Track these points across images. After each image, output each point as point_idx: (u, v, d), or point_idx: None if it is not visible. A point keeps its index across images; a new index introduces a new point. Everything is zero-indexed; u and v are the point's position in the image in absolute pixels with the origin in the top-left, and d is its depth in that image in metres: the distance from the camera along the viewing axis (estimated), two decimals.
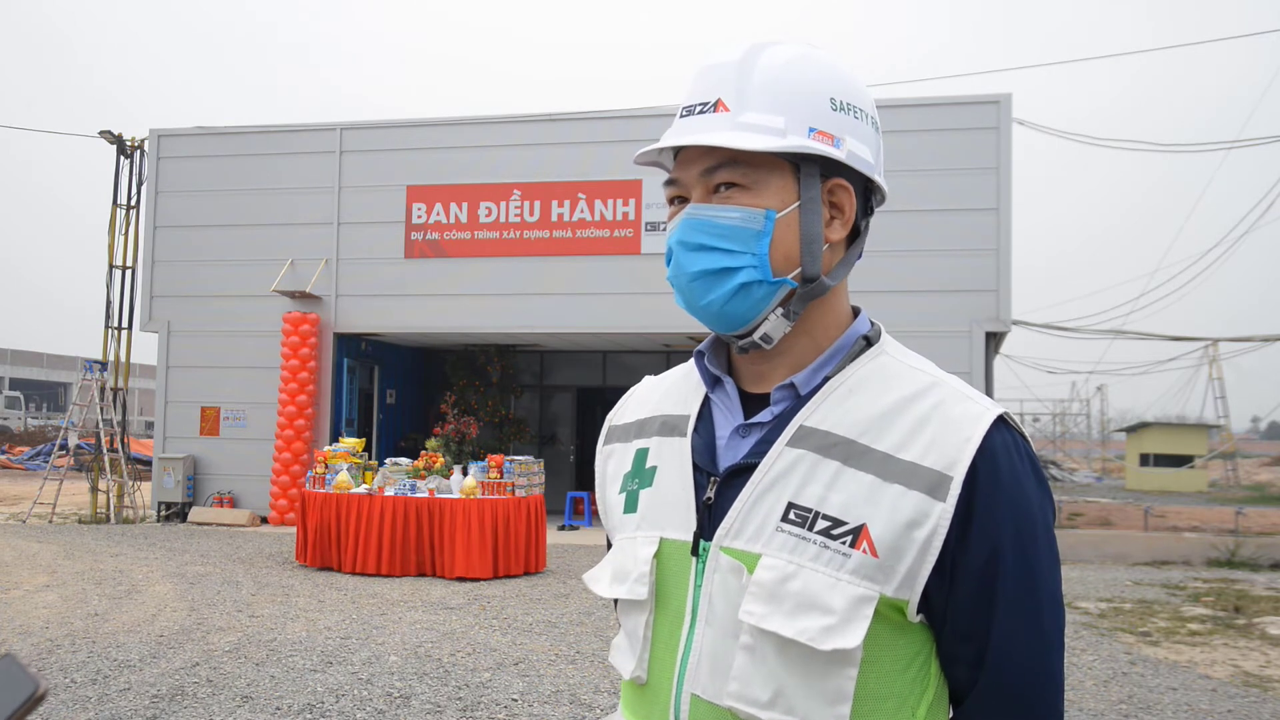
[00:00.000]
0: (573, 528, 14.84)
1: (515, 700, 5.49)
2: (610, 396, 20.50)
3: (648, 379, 1.29)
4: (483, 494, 10.12)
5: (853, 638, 0.97)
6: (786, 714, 0.99)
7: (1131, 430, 34.10)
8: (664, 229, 14.46)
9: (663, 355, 17.96)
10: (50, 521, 14.72)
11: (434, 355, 18.53)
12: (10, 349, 53.38)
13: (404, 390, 18.02)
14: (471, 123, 15.36)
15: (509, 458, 10.74)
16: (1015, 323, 15.45)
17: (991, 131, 13.58)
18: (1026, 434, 1.05)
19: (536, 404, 18.84)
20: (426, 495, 10.13)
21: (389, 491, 10.28)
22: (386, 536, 9.95)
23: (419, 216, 15.18)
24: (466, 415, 16.25)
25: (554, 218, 14.77)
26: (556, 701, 5.48)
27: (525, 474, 10.62)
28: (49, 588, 8.80)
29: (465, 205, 15.02)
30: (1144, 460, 31.58)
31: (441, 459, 11.03)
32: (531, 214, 14.84)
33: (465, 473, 10.60)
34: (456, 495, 10.13)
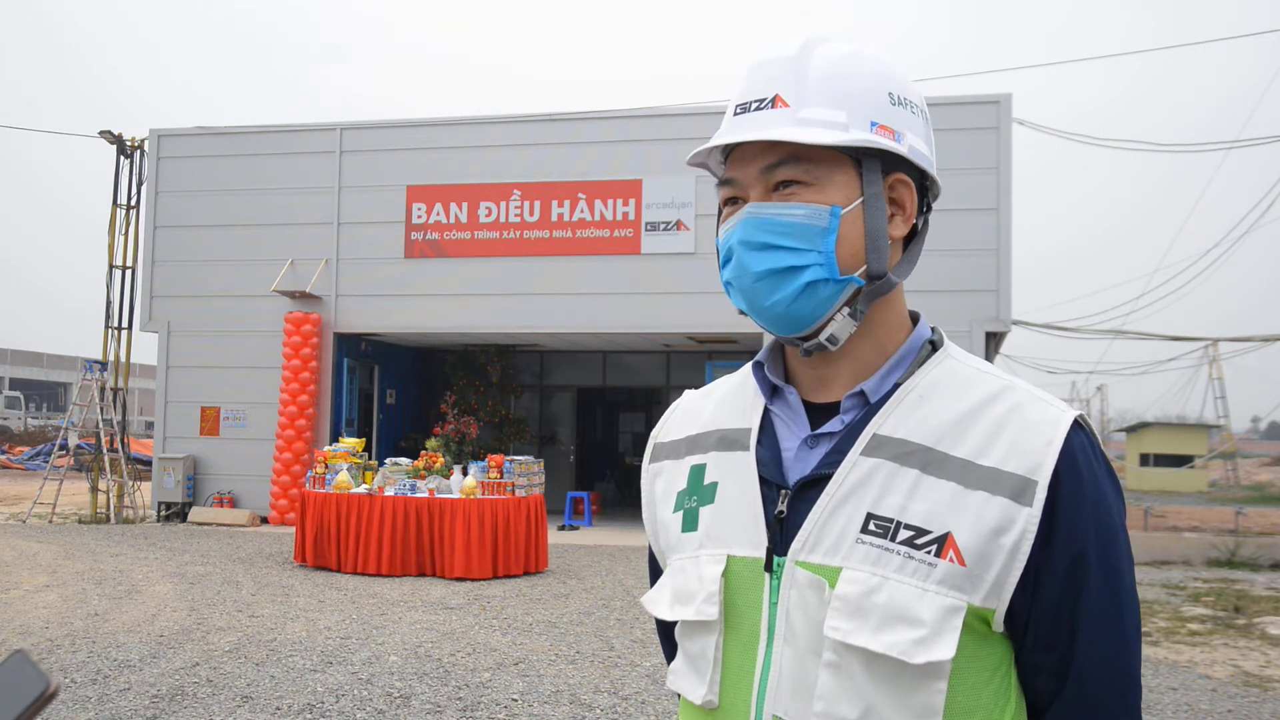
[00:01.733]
0: (573, 528, 14.84)
1: (515, 700, 5.49)
2: (610, 396, 20.53)
3: (690, 392, 1.25)
4: (483, 494, 10.12)
5: (946, 649, 0.94)
6: None
7: (1131, 430, 34.13)
8: (664, 229, 14.46)
9: (663, 355, 17.96)
10: (50, 521, 14.72)
11: (434, 355, 18.53)
12: (10, 349, 53.40)
13: (404, 390, 18.02)
14: (471, 123, 15.36)
15: (509, 458, 10.75)
16: (1015, 323, 15.46)
17: (991, 131, 13.58)
18: (1098, 435, 1.04)
19: (536, 404, 18.84)
20: (426, 495, 10.13)
21: (389, 491, 10.28)
22: (387, 537, 9.96)
23: (419, 216, 15.18)
24: (466, 415, 16.26)
25: (554, 218, 14.77)
26: (556, 701, 5.48)
27: (525, 474, 10.63)
28: (49, 588, 8.80)
29: (465, 205, 15.02)
30: (1144, 460, 31.62)
31: (441, 459, 11.03)
32: (531, 214, 14.84)
33: (465, 473, 10.60)
34: (456, 495, 10.13)
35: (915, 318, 1.13)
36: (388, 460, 11.09)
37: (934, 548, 0.96)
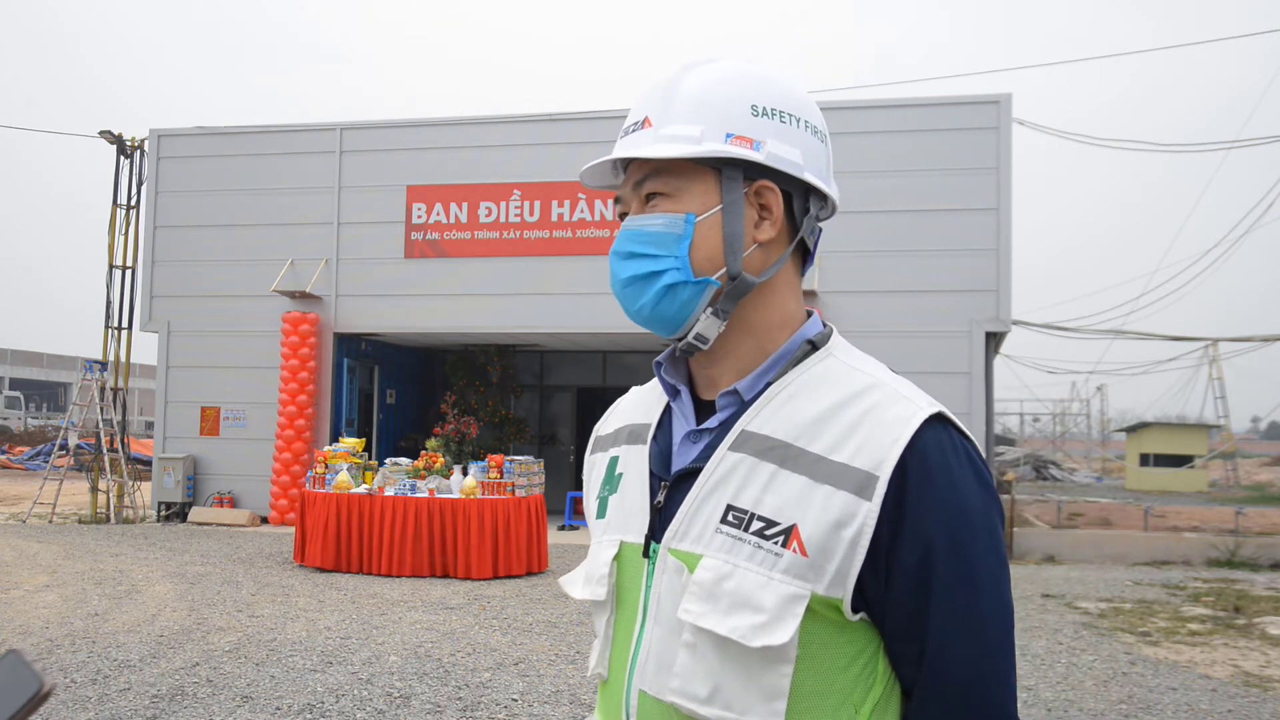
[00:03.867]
0: (573, 528, 14.85)
1: (515, 700, 5.49)
2: (611, 397, 20.34)
3: (634, 389, 1.33)
4: (483, 494, 10.12)
5: (781, 635, 0.99)
6: (724, 709, 1.02)
7: (1131, 430, 34.08)
8: None
9: None
10: (50, 521, 14.72)
11: (434, 355, 18.53)
12: (10, 349, 53.39)
13: (404, 390, 18.02)
14: (471, 123, 15.36)
15: (509, 458, 10.74)
16: (1015, 323, 15.46)
17: (991, 131, 13.57)
18: (967, 433, 1.06)
19: (536, 404, 18.84)
20: (426, 495, 10.13)
21: (389, 491, 10.28)
22: (387, 537, 9.96)
23: (419, 216, 15.18)
24: (466, 415, 16.24)
25: (554, 218, 14.77)
26: (556, 701, 5.48)
27: (525, 474, 10.62)
28: (49, 588, 8.80)
29: (465, 205, 15.02)
30: (1144, 460, 31.57)
31: (441, 459, 11.03)
32: (531, 214, 14.84)
33: (465, 473, 10.60)
34: (456, 495, 10.13)
35: (810, 315, 1.18)
36: (388, 460, 11.09)
37: (781, 539, 1.02)
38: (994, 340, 14.79)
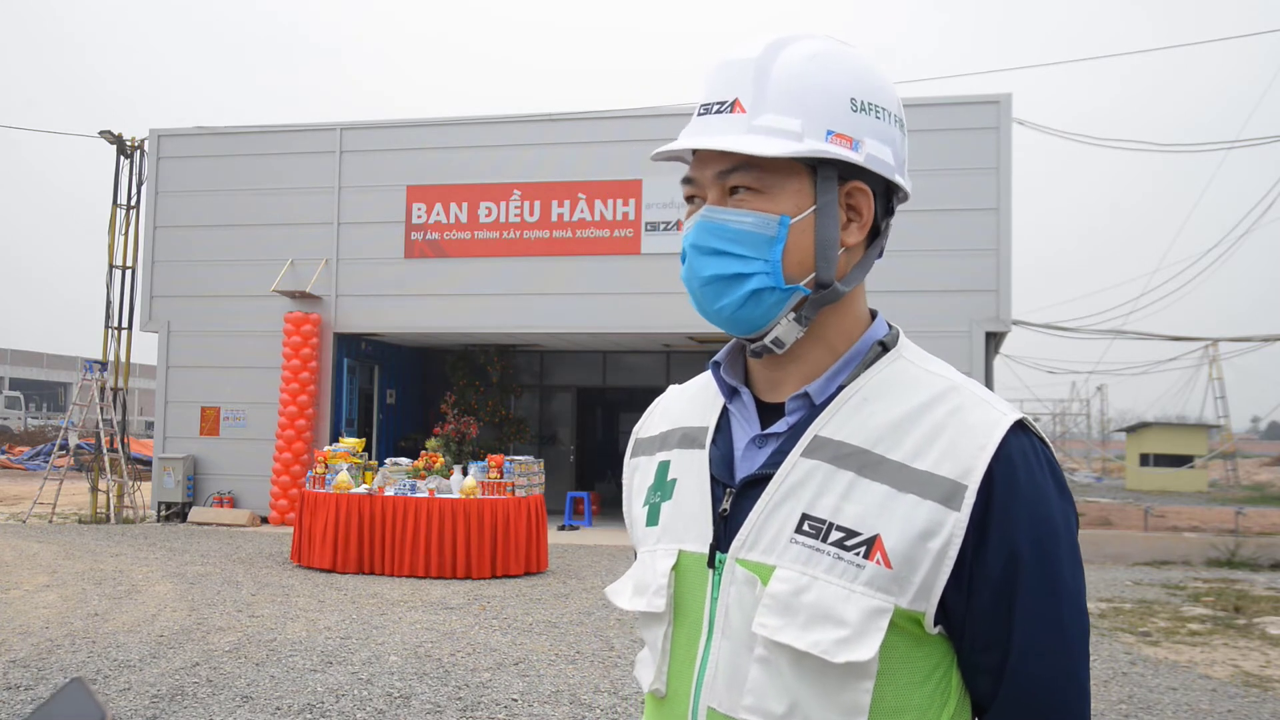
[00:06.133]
0: (573, 528, 14.84)
1: (515, 700, 5.49)
2: (610, 397, 20.55)
3: (673, 388, 1.27)
4: (483, 494, 10.12)
5: (866, 650, 0.96)
6: None
7: (1131, 430, 34.11)
8: (664, 229, 14.49)
9: (663, 355, 17.96)
10: (50, 521, 14.72)
11: (434, 355, 18.54)
12: (10, 349, 53.38)
13: (404, 390, 18.02)
14: (471, 123, 15.37)
15: (509, 458, 10.75)
16: (1015, 323, 15.45)
17: (991, 131, 13.58)
18: (1046, 439, 1.04)
19: (536, 404, 18.85)
20: (426, 495, 10.13)
21: (389, 491, 10.29)
22: (387, 537, 9.96)
23: (419, 216, 15.19)
24: (466, 415, 16.26)
25: (554, 218, 14.77)
26: (556, 701, 5.48)
27: (525, 474, 10.63)
28: (49, 588, 8.80)
29: (465, 205, 15.02)
30: (1144, 460, 31.60)
31: (441, 459, 11.03)
32: (531, 214, 14.84)
33: (465, 473, 10.61)
34: (456, 495, 10.13)
35: (875, 315, 1.14)
36: (388, 460, 11.09)
37: (862, 549, 0.98)
38: (994, 340, 14.79)
